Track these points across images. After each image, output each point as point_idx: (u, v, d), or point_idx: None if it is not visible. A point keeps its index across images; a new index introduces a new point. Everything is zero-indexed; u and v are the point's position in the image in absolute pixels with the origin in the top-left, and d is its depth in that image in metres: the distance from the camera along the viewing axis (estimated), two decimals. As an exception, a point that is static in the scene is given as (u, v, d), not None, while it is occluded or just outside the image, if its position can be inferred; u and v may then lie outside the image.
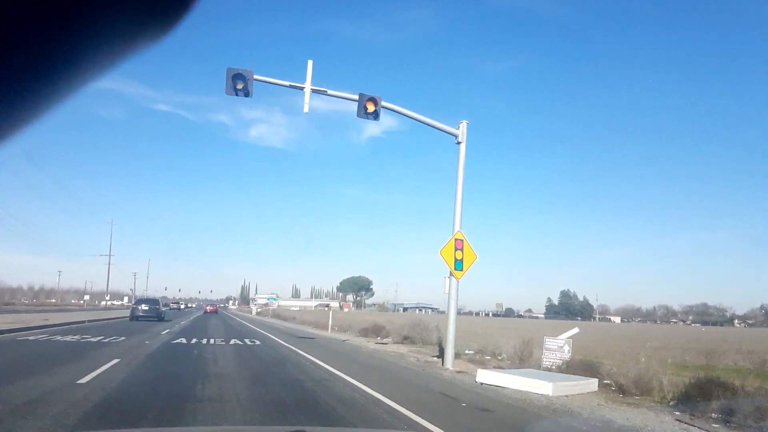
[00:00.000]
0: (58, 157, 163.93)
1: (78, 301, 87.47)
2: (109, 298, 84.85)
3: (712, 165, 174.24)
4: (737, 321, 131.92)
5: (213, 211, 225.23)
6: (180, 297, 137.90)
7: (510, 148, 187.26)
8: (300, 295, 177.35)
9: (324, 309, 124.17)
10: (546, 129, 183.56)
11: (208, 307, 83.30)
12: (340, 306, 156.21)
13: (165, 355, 14.45)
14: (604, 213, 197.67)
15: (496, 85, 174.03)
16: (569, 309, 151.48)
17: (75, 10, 0.72)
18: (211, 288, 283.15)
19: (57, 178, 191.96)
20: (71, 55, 0.76)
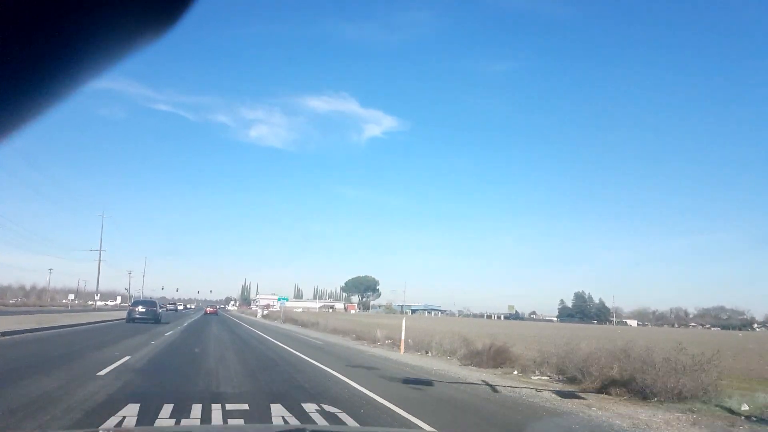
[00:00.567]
0: (57, 157, 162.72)
1: (69, 300, 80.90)
2: (98, 298, 78.00)
3: (710, 165, 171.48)
4: (756, 325, 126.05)
5: (213, 210, 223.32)
6: (178, 297, 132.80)
7: (509, 149, 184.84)
8: (302, 296, 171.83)
9: (328, 310, 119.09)
10: (545, 129, 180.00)
11: (208, 308, 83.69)
12: (345, 307, 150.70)
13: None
14: (610, 214, 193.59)
15: (496, 85, 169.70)
16: (584, 312, 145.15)
17: (75, 9, 0.72)
18: (211, 288, 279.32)
19: (56, 177, 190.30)
20: (71, 54, 0.76)
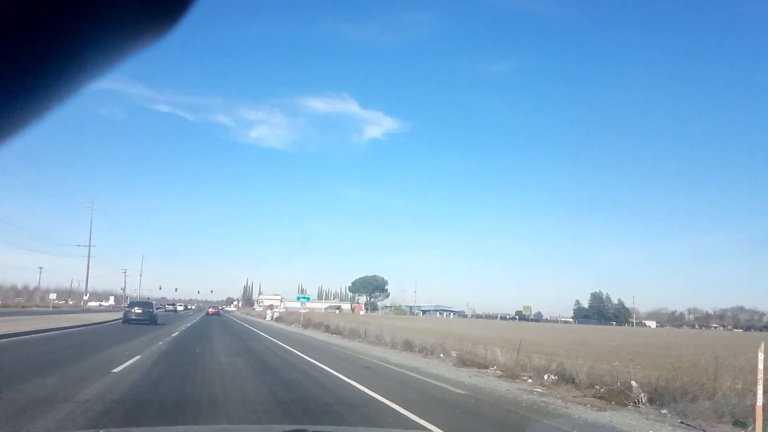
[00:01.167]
0: (57, 157, 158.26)
1: (59, 301, 75.52)
2: (88, 298, 72.10)
3: (712, 166, 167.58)
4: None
5: (213, 211, 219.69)
6: (177, 297, 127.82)
7: (509, 149, 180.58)
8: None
9: (335, 311, 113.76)
10: (545, 130, 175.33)
11: (210, 309, 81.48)
12: (352, 308, 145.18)
13: None
14: (620, 214, 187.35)
15: (497, 86, 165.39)
16: (602, 313, 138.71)
17: (75, 9, 0.72)
18: (212, 288, 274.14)
19: (55, 177, 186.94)
20: (71, 55, 0.76)
